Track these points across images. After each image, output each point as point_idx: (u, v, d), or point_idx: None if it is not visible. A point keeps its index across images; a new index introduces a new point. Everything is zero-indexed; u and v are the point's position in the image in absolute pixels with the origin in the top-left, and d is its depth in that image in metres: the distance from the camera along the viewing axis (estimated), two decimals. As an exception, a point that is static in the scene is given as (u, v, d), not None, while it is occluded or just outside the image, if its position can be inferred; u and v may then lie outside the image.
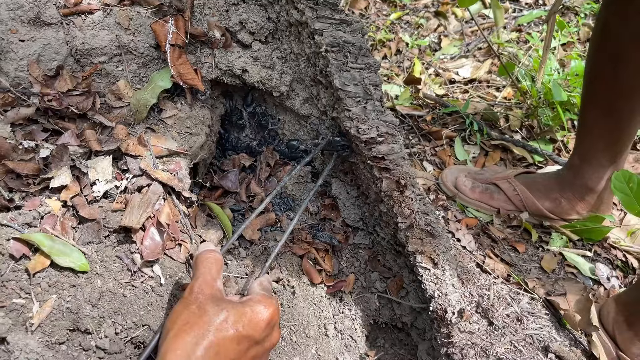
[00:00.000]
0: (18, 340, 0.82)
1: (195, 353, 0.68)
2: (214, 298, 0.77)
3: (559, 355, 1.09)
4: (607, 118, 1.32)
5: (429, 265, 1.10)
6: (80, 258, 0.90)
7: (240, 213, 1.21)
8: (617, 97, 1.26)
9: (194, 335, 0.70)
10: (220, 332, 0.72)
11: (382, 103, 1.03)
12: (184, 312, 0.73)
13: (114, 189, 0.99)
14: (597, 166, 1.40)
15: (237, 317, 0.75)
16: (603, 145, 1.37)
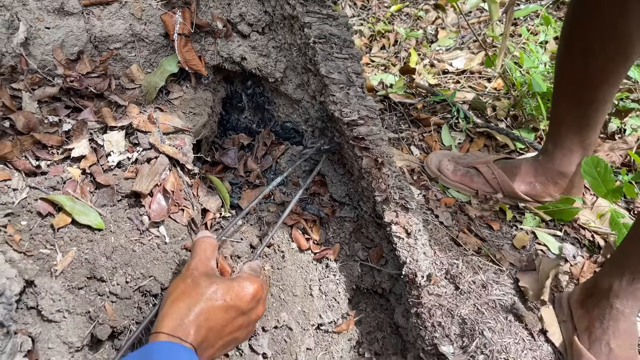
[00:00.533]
0: (44, 283, 0.97)
1: (188, 317, 0.80)
2: (207, 274, 0.90)
3: (518, 315, 1.23)
4: (576, 107, 1.42)
5: (402, 235, 1.23)
6: (96, 217, 1.05)
7: (237, 186, 1.35)
8: (585, 88, 1.36)
9: (187, 302, 0.82)
10: (210, 301, 0.83)
11: (363, 89, 1.16)
12: (180, 284, 0.86)
13: (126, 160, 1.13)
14: (568, 152, 1.51)
15: (226, 290, 0.86)
16: (573, 133, 1.47)
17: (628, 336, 1.12)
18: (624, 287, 1.12)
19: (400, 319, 1.34)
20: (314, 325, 1.28)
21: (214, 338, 0.84)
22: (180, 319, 0.79)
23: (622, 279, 1.12)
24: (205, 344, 0.82)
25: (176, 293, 0.84)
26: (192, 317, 0.80)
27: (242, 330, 0.92)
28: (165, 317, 0.80)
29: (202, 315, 0.81)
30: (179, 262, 1.10)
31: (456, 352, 1.19)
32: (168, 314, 0.80)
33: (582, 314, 1.19)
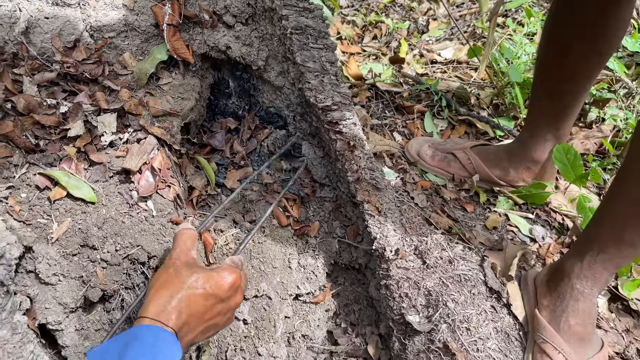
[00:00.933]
0: (41, 249, 1.08)
1: (170, 304, 0.87)
2: (188, 264, 0.97)
3: (491, 287, 1.32)
4: (552, 98, 1.50)
5: (374, 212, 1.33)
6: (89, 192, 1.15)
7: (223, 166, 1.45)
8: (562, 80, 1.43)
9: (170, 290, 0.89)
10: (191, 290, 0.90)
11: (337, 77, 1.25)
12: (163, 274, 0.95)
13: (117, 140, 1.23)
14: (542, 140, 1.60)
15: (206, 279, 0.93)
16: (548, 122, 1.56)
17: (587, 315, 1.21)
18: (585, 269, 1.20)
19: (374, 291, 1.44)
20: (292, 296, 1.38)
21: (194, 323, 0.91)
22: (163, 305, 0.87)
23: (582, 262, 1.20)
24: (186, 328, 0.89)
25: (159, 282, 0.91)
26: (174, 304, 0.88)
27: (221, 317, 0.99)
28: (150, 304, 0.87)
29: (183, 302, 0.89)
30: (165, 233, 1.20)
31: (421, 321, 1.29)
32: (152, 301, 0.87)
33: (545, 292, 1.28)
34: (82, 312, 1.16)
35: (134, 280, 1.18)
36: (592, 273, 1.19)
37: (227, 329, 1.31)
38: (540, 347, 1.19)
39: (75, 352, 1.15)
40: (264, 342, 1.33)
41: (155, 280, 0.93)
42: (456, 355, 1.20)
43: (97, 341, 1.18)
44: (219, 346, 1.30)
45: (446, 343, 1.22)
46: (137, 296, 1.18)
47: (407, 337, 1.30)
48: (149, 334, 0.82)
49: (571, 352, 1.17)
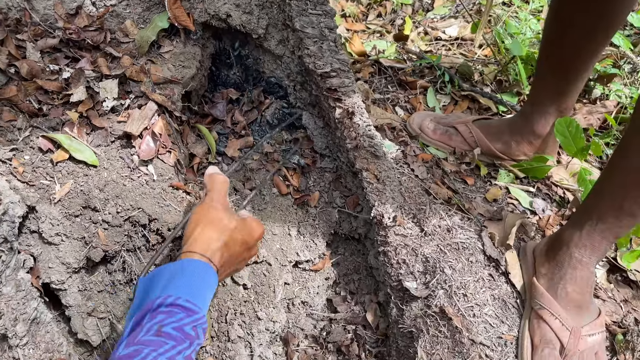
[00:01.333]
0: (44, 209, 1.10)
1: (216, 244, 0.96)
2: (226, 209, 1.05)
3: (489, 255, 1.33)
4: (556, 74, 1.50)
5: (372, 180, 1.34)
6: (91, 155, 1.18)
7: (224, 136, 1.47)
8: (566, 56, 1.43)
9: (216, 232, 0.98)
10: (233, 235, 1.00)
11: (336, 44, 1.26)
12: (207, 214, 1.02)
13: (119, 105, 1.25)
14: (544, 114, 1.59)
15: (242, 227, 1.03)
16: (551, 96, 1.55)
17: (585, 283, 1.22)
18: (583, 238, 1.20)
19: (373, 260, 1.46)
20: (292, 263, 1.40)
21: (228, 265, 1.00)
22: (209, 244, 0.96)
23: (582, 231, 1.20)
24: (222, 268, 0.98)
25: (205, 221, 0.99)
26: (219, 245, 0.97)
27: (242, 263, 1.09)
28: (197, 241, 0.95)
29: (225, 246, 0.98)
30: (166, 197, 1.22)
31: (419, 288, 1.30)
32: (199, 239, 0.96)
33: (543, 260, 1.29)
34: (84, 273, 1.19)
35: (135, 242, 1.20)
36: (590, 242, 1.20)
37: (227, 294, 1.34)
38: (537, 313, 1.21)
39: (78, 312, 1.18)
40: (263, 306, 1.35)
41: (200, 219, 1.00)
42: (453, 320, 1.22)
43: (100, 302, 1.21)
44: (219, 310, 1.33)
45: (443, 308, 1.23)
46: (138, 258, 1.21)
47: (405, 303, 1.32)
48: (201, 267, 0.91)
49: (568, 318, 1.18)
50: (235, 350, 1.30)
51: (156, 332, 0.80)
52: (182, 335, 0.82)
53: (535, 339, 1.20)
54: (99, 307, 1.19)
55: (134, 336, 0.82)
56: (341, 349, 1.42)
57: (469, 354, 1.19)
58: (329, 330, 1.44)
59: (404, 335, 1.32)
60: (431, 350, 1.23)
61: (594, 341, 1.20)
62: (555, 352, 1.16)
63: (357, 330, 1.43)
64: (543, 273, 1.27)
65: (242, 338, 1.32)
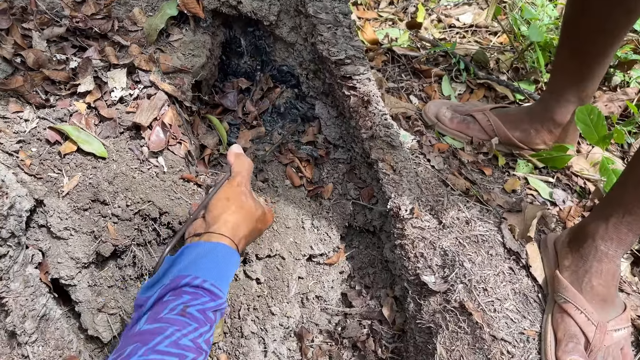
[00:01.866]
0: (52, 203, 1.07)
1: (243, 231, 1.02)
2: (251, 194, 1.10)
3: (509, 248, 1.29)
4: (574, 59, 1.45)
5: (389, 171, 1.30)
6: (100, 147, 1.14)
7: (235, 126, 1.43)
8: (583, 41, 1.38)
9: (245, 219, 1.04)
10: (256, 224, 1.07)
11: (350, 30, 1.21)
12: (239, 198, 1.05)
13: (128, 96, 1.21)
14: (564, 102, 1.54)
15: (263, 217, 1.11)
16: (572, 83, 1.50)
17: (610, 276, 1.17)
18: (610, 231, 1.16)
19: (389, 253, 1.42)
20: (306, 256, 1.37)
21: (244, 248, 1.08)
22: (238, 230, 1.00)
23: (607, 223, 1.16)
24: (241, 252, 1.03)
25: (236, 205, 1.04)
26: (246, 232, 1.03)
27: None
28: (228, 224, 0.99)
29: (250, 233, 1.05)
30: (177, 190, 1.19)
31: (437, 282, 1.26)
32: (230, 222, 1.00)
33: (566, 253, 1.24)
34: (94, 268, 1.16)
35: (145, 236, 1.17)
36: (617, 234, 1.15)
37: (240, 288, 1.31)
38: (562, 307, 1.16)
39: (88, 308, 1.16)
40: (277, 301, 1.32)
41: (231, 201, 1.04)
42: (473, 315, 1.18)
43: (111, 297, 1.18)
44: (232, 305, 1.30)
45: (462, 303, 1.19)
46: (149, 253, 1.18)
47: (423, 298, 1.28)
48: (230, 253, 0.96)
49: (593, 312, 1.14)
50: (248, 346, 1.27)
51: (180, 312, 0.82)
52: (204, 318, 0.84)
53: (559, 334, 1.16)
54: (109, 302, 1.17)
55: (156, 312, 0.82)
56: (357, 345, 1.38)
57: (490, 351, 1.15)
58: (344, 325, 1.41)
59: (422, 331, 1.28)
60: (451, 347, 1.19)
61: (619, 336, 1.15)
62: (580, 346, 1.12)
63: (373, 325, 1.40)
64: (566, 266, 1.22)
65: (256, 334, 1.28)
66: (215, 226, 0.97)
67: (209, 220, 1.00)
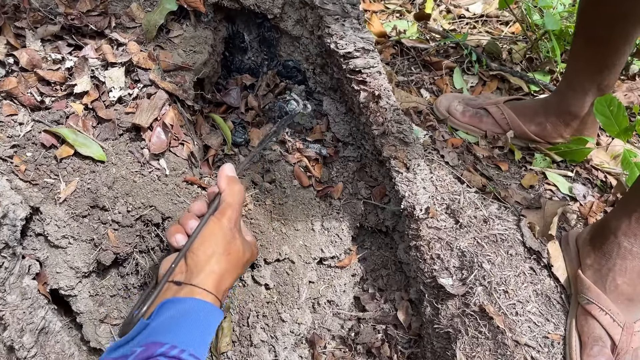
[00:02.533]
0: (49, 210, 1.02)
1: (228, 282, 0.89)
2: (239, 232, 0.95)
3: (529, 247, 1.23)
4: (591, 47, 1.38)
5: (402, 169, 1.24)
6: (98, 150, 1.09)
7: (240, 125, 1.37)
8: (600, 28, 1.32)
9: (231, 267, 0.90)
10: (241, 268, 0.95)
11: (359, 21, 1.15)
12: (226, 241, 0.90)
13: (127, 95, 1.16)
14: (581, 93, 1.47)
15: (249, 257, 0.97)
16: (588, 74, 1.43)
17: (636, 274, 1.11)
18: (633, 226, 1.09)
19: (403, 255, 1.36)
20: (316, 259, 1.31)
21: None
22: (222, 281, 0.87)
23: (630, 218, 1.09)
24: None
25: (222, 251, 0.89)
26: (229, 283, 0.90)
27: None
28: (212, 276, 0.86)
29: (233, 281, 0.92)
30: (180, 193, 1.13)
31: (455, 284, 1.20)
32: (215, 273, 0.86)
33: (589, 251, 1.18)
34: (95, 277, 1.11)
35: (148, 243, 1.11)
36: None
37: (248, 295, 1.25)
38: (585, 308, 1.10)
39: (90, 319, 1.11)
40: (287, 307, 1.26)
41: (217, 245, 0.89)
42: (494, 319, 1.12)
43: (113, 307, 1.13)
44: (240, 312, 1.24)
45: (482, 306, 1.13)
46: (152, 260, 1.13)
47: (440, 302, 1.22)
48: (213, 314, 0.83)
49: (619, 312, 1.07)
50: (258, 355, 1.22)
51: None
52: None
53: (583, 337, 1.09)
54: (111, 312, 1.11)
55: None
56: (371, 351, 1.33)
57: (513, 357, 1.09)
58: (358, 330, 1.35)
59: (439, 336, 1.22)
60: (471, 353, 1.13)
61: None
62: (606, 349, 1.05)
63: (387, 330, 1.34)
64: (589, 264, 1.16)
65: (266, 342, 1.23)
66: (198, 278, 0.84)
67: (192, 266, 0.86)
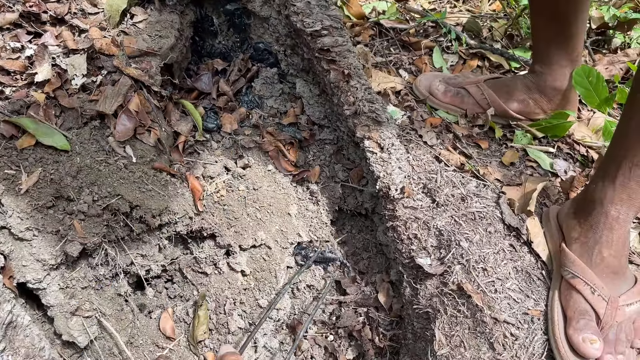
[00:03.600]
0: (10, 202, 0.99)
1: None
2: None
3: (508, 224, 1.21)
4: (552, 22, 1.36)
5: (376, 149, 1.21)
6: (61, 139, 1.06)
7: (212, 111, 1.34)
8: (557, 2, 1.30)
9: None
10: None
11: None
12: None
13: (90, 83, 1.13)
14: (557, 67, 1.45)
15: None
16: (556, 48, 1.41)
17: (621, 246, 1.08)
18: (618, 191, 1.06)
19: (382, 237, 1.34)
20: (294, 244, 1.29)
21: None
22: None
23: (614, 184, 1.06)
24: None
25: None
26: None
27: None
28: None
29: None
30: (148, 181, 1.11)
31: (433, 264, 1.19)
32: None
33: (574, 224, 1.15)
34: (65, 269, 1.08)
35: (117, 232, 1.09)
36: (627, 194, 1.05)
37: (225, 282, 1.23)
38: (569, 282, 1.07)
39: (61, 312, 1.08)
40: (265, 293, 1.24)
41: None
42: (472, 298, 1.10)
43: (85, 300, 1.10)
44: (217, 300, 1.22)
45: (461, 285, 1.12)
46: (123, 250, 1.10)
47: (419, 282, 1.20)
48: None
49: (603, 286, 1.05)
50: (236, 342, 1.20)
51: None
52: None
53: (568, 312, 1.06)
54: (83, 305, 1.09)
55: None
56: (353, 334, 1.31)
57: (492, 334, 1.07)
58: (339, 314, 1.33)
59: (419, 317, 1.20)
60: (450, 332, 1.11)
61: (632, 311, 1.07)
62: (593, 323, 1.03)
63: (369, 312, 1.32)
64: (575, 238, 1.13)
65: (243, 329, 1.21)
66: None
67: None
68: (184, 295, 1.26)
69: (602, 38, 1.95)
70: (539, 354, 1.04)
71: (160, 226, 1.14)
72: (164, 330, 1.21)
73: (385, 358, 1.28)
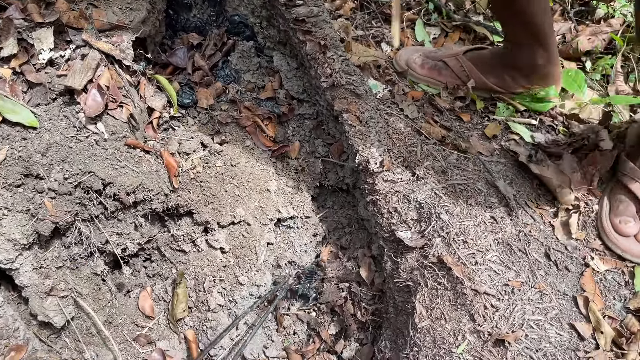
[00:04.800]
0: (-23, 180, 0.97)
1: None
2: None
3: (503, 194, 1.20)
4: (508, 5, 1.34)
5: (355, 122, 1.20)
6: (29, 115, 1.03)
7: (188, 86, 1.31)
8: None
9: None
10: None
11: (299, -34, 1.09)
12: None
13: (59, 58, 1.09)
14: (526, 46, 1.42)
15: None
16: (520, 29, 1.38)
17: None
18: None
19: (363, 211, 1.33)
20: (273, 220, 1.27)
21: None
22: None
23: None
24: None
25: None
26: None
27: None
28: None
29: None
30: (120, 158, 1.08)
31: (413, 237, 1.18)
32: None
33: None
34: (38, 249, 1.06)
35: (90, 210, 1.07)
36: None
37: (203, 259, 1.22)
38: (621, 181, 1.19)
39: (36, 292, 1.06)
40: (245, 270, 1.23)
41: None
42: (452, 270, 1.10)
43: (60, 279, 1.08)
44: (196, 277, 1.21)
45: (441, 257, 1.11)
46: (97, 228, 1.08)
47: (399, 255, 1.20)
48: None
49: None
50: (216, 319, 1.19)
51: None
52: None
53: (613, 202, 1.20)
54: (58, 285, 1.07)
55: None
56: (335, 309, 1.31)
57: (472, 306, 1.07)
58: (321, 290, 1.33)
59: (400, 290, 1.20)
60: (431, 305, 1.11)
61: None
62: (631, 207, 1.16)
63: (351, 287, 1.32)
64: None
65: (224, 306, 1.20)
66: None
67: None
68: (162, 273, 1.24)
69: (585, 9, 1.93)
70: (519, 324, 1.04)
71: (135, 204, 1.11)
72: (143, 309, 1.19)
73: (367, 332, 1.28)
